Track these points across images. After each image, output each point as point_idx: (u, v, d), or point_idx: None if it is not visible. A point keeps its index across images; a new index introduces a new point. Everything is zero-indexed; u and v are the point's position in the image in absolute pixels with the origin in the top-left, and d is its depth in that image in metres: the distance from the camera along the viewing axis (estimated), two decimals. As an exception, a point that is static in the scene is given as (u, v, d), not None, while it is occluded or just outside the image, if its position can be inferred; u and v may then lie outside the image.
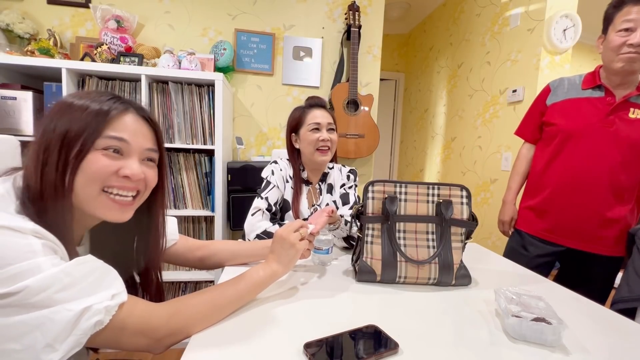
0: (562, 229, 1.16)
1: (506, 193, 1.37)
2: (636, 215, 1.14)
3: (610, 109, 1.07)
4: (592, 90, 1.13)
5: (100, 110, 0.49)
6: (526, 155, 1.32)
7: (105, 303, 0.42)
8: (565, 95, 1.18)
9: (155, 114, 1.59)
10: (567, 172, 1.14)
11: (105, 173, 0.50)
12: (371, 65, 2.16)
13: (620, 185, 1.08)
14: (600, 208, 1.10)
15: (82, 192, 0.49)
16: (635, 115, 1.06)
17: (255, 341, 0.50)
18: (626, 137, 1.05)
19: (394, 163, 3.96)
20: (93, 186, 0.49)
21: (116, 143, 0.50)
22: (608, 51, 1.06)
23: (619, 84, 1.09)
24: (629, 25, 1.00)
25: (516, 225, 1.32)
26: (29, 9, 1.77)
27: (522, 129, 1.35)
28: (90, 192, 0.49)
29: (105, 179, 0.50)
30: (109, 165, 0.50)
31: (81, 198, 0.49)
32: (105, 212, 0.51)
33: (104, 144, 0.49)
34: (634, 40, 0.98)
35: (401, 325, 0.56)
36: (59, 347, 0.38)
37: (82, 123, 0.48)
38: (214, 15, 1.95)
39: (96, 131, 0.48)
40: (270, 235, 0.93)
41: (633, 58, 1.00)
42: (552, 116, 1.19)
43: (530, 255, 1.20)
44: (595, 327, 0.61)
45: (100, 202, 0.50)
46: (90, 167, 0.48)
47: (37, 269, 0.38)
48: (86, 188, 0.49)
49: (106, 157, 0.50)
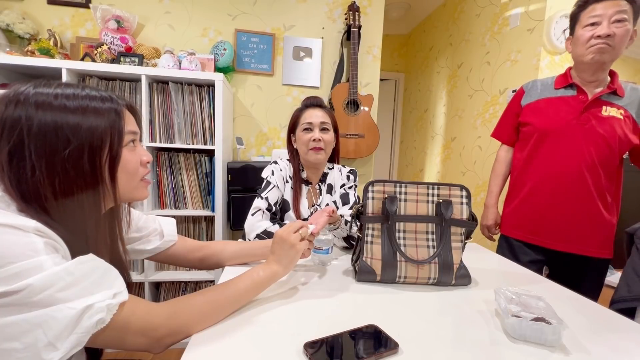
0: (547, 231, 1.16)
1: (487, 197, 1.37)
2: (616, 214, 1.14)
3: (584, 106, 1.09)
4: (564, 90, 1.15)
5: (116, 109, 0.51)
6: (505, 157, 1.33)
7: (107, 301, 0.42)
8: (539, 95, 1.20)
9: (155, 114, 1.60)
10: (546, 171, 1.14)
11: (139, 166, 0.56)
12: (371, 65, 2.16)
13: (600, 183, 1.09)
14: (582, 206, 1.10)
15: (127, 183, 0.54)
16: (607, 113, 1.08)
17: (255, 341, 0.50)
18: (601, 135, 1.07)
19: (394, 163, 3.96)
20: (135, 178, 0.56)
21: (132, 137, 0.55)
22: (577, 47, 1.10)
23: (590, 82, 1.11)
24: (595, 20, 1.04)
25: (501, 230, 1.32)
26: (29, 9, 1.77)
27: (498, 131, 1.36)
28: (133, 184, 0.56)
29: (139, 170, 0.56)
30: (135, 157, 0.55)
31: (126, 189, 0.54)
32: (142, 193, 0.59)
33: (127, 139, 0.53)
34: (602, 32, 1.02)
35: (401, 325, 0.56)
36: (61, 346, 0.38)
37: (105, 124, 0.49)
38: (214, 15, 1.95)
39: (120, 131, 0.51)
40: (271, 235, 0.93)
41: (602, 49, 1.03)
42: (527, 116, 1.21)
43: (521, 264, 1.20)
44: (595, 327, 0.61)
45: (140, 188, 0.58)
46: (127, 164, 0.53)
47: (39, 268, 0.38)
48: (130, 179, 0.54)
49: (129, 151, 0.54)
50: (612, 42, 1.02)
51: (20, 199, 0.44)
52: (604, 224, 1.11)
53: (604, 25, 1.02)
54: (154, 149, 1.65)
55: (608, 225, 1.12)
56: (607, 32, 1.01)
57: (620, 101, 1.09)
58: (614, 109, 1.08)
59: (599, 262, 1.13)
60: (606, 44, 1.02)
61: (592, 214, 1.10)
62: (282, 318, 0.58)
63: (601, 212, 1.10)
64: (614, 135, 1.06)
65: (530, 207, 1.19)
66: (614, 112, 1.07)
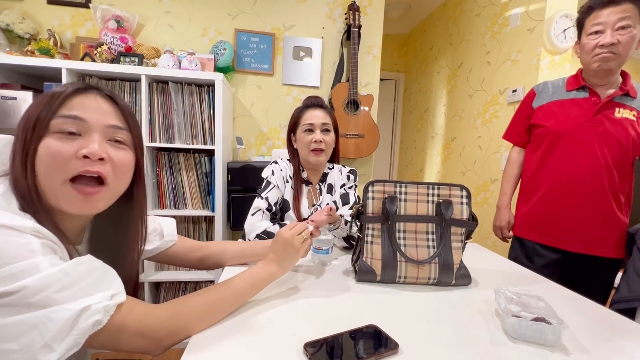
0: (563, 232, 1.15)
1: (500, 198, 1.37)
2: (629, 214, 1.14)
3: (596, 108, 1.09)
4: (576, 92, 1.15)
5: (55, 92, 0.47)
6: (517, 158, 1.33)
7: (104, 303, 0.42)
8: (550, 97, 1.20)
9: (155, 114, 1.59)
10: (561, 172, 1.14)
11: (63, 158, 0.45)
12: (371, 65, 2.16)
13: (614, 184, 1.09)
14: (597, 207, 1.10)
15: (45, 184, 0.45)
16: (620, 115, 1.08)
17: (255, 341, 0.50)
18: (614, 136, 1.07)
19: (394, 163, 3.96)
20: (55, 176, 0.45)
21: (70, 123, 0.46)
22: (583, 54, 1.11)
23: (601, 85, 1.11)
24: (598, 28, 1.04)
25: (514, 232, 1.31)
26: (29, 9, 1.77)
27: (509, 132, 1.37)
28: (53, 183, 0.45)
29: (64, 167, 0.45)
30: (65, 148, 0.45)
31: (47, 192, 0.46)
32: (70, 204, 0.46)
33: (57, 126, 0.45)
34: (605, 41, 1.02)
35: (401, 325, 0.56)
36: (57, 347, 0.37)
37: (39, 107, 0.46)
38: (214, 15, 1.95)
39: (50, 112, 0.45)
40: (271, 235, 0.93)
41: (606, 57, 1.04)
42: (539, 118, 1.21)
43: (535, 267, 1.19)
44: (595, 327, 0.61)
45: (63, 194, 0.46)
46: (46, 152, 0.45)
47: (36, 269, 0.38)
48: (48, 179, 0.45)
49: (59, 141, 0.45)
50: (616, 50, 1.02)
51: (18, 196, 0.44)
52: (618, 224, 1.11)
53: (607, 34, 1.02)
54: (153, 149, 1.65)
55: (621, 225, 1.11)
56: (611, 40, 1.01)
57: (633, 102, 1.09)
58: (627, 110, 1.08)
59: (612, 262, 1.13)
60: (610, 52, 1.02)
61: (607, 215, 1.10)
62: (282, 318, 0.57)
63: (615, 213, 1.10)
64: (627, 137, 1.06)
65: (545, 208, 1.19)
66: (627, 114, 1.07)
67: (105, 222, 0.59)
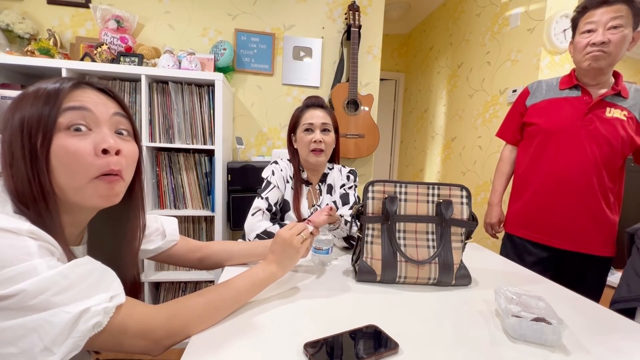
0: (552, 230, 1.16)
1: (492, 195, 1.38)
2: (618, 213, 1.16)
3: (588, 107, 1.10)
4: (569, 90, 1.16)
5: (53, 88, 0.46)
6: (509, 156, 1.35)
7: (104, 305, 0.41)
8: (544, 96, 1.21)
9: (155, 114, 1.59)
10: (552, 171, 1.15)
11: (84, 155, 0.45)
12: (371, 65, 2.16)
13: (604, 183, 1.10)
14: (587, 206, 1.11)
15: (67, 182, 0.45)
16: (611, 115, 1.09)
17: (255, 341, 0.50)
18: (604, 136, 1.08)
19: (394, 163, 3.96)
20: (81, 173, 0.45)
21: (78, 115, 0.46)
22: (576, 53, 1.12)
23: (593, 85, 1.13)
24: (591, 27, 1.06)
25: (506, 229, 1.32)
26: (29, 9, 1.77)
27: (502, 130, 1.38)
28: (77, 181, 0.45)
29: (87, 164, 0.45)
30: (83, 145, 0.45)
31: (69, 190, 0.46)
32: (99, 198, 0.47)
33: (67, 120, 0.45)
34: (596, 39, 1.04)
35: (401, 325, 0.56)
36: (57, 350, 0.37)
37: (39, 105, 0.44)
38: (214, 15, 1.95)
39: (54, 108, 0.44)
40: (271, 235, 0.93)
41: (597, 56, 1.05)
42: (532, 116, 1.22)
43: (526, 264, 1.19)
44: (595, 327, 0.61)
45: (94, 188, 0.47)
46: (66, 152, 0.44)
47: (33, 272, 0.38)
48: (70, 178, 0.45)
49: (74, 138, 0.45)
50: (607, 49, 1.03)
51: (14, 198, 0.44)
52: (607, 222, 1.12)
53: (599, 33, 1.04)
54: (153, 149, 1.65)
55: (611, 224, 1.13)
56: (602, 39, 1.03)
57: (624, 102, 1.10)
58: (618, 110, 1.09)
59: (602, 261, 1.14)
60: (601, 51, 1.04)
61: (596, 213, 1.11)
62: (282, 318, 0.57)
63: (604, 212, 1.11)
64: (617, 136, 1.07)
65: (535, 206, 1.20)
66: (618, 114, 1.08)
67: (104, 221, 0.59)
